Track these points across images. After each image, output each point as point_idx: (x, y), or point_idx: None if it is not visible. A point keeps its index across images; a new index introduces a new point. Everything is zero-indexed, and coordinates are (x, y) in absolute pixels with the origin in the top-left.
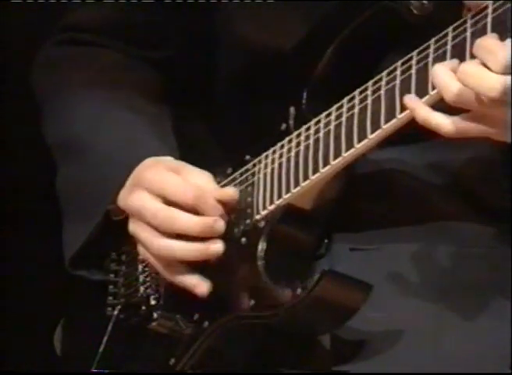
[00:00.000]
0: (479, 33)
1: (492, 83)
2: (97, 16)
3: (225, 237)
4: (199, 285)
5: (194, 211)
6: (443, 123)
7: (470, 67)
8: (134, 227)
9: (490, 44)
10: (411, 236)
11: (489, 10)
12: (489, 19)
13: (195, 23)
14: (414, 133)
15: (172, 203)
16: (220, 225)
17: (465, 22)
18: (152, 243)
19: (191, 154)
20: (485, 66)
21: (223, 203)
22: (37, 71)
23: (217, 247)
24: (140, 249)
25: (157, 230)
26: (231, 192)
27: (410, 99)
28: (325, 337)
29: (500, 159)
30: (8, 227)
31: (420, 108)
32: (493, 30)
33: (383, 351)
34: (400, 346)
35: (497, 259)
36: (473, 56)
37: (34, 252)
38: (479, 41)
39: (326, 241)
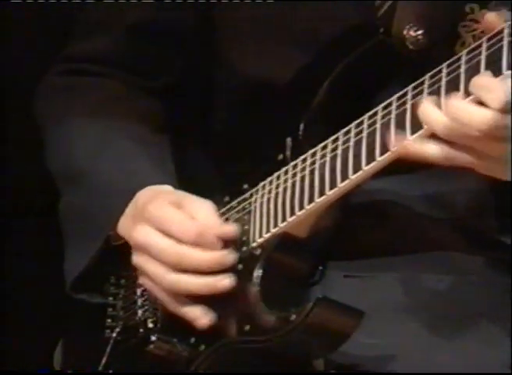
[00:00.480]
0: (473, 70)
1: (484, 118)
2: (99, 47)
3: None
4: (202, 318)
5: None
6: (431, 149)
7: (460, 103)
8: (140, 260)
9: (488, 82)
10: (404, 264)
11: (483, 48)
12: (483, 57)
13: (195, 54)
14: (409, 164)
15: (175, 239)
16: (229, 258)
17: (459, 59)
18: (163, 278)
19: (190, 182)
20: (479, 103)
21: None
22: (39, 99)
23: (227, 282)
24: (146, 282)
25: (165, 265)
26: (232, 229)
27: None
28: (318, 361)
29: (491, 191)
30: (11, 248)
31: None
32: (487, 68)
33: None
34: (392, 366)
35: (487, 287)
36: (467, 92)
37: (36, 273)
38: (476, 79)
39: (321, 268)
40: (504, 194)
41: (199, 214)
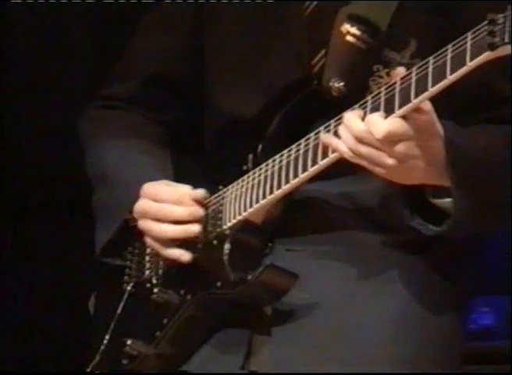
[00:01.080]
0: (374, 109)
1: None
2: (124, 90)
3: (203, 239)
4: (183, 255)
5: None
6: (344, 149)
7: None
8: (142, 223)
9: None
10: (326, 241)
11: (382, 93)
12: (382, 100)
13: (192, 96)
14: (334, 171)
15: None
16: (199, 211)
17: (366, 101)
18: (154, 229)
19: (181, 183)
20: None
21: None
22: (81, 126)
23: (196, 227)
24: (147, 238)
25: (155, 221)
26: (201, 193)
27: (325, 136)
28: (267, 308)
29: (392, 192)
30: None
31: (331, 140)
32: (385, 108)
33: (305, 317)
34: (317, 314)
35: (385, 259)
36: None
37: (78, 244)
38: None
39: (270, 244)
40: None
41: (181, 188)
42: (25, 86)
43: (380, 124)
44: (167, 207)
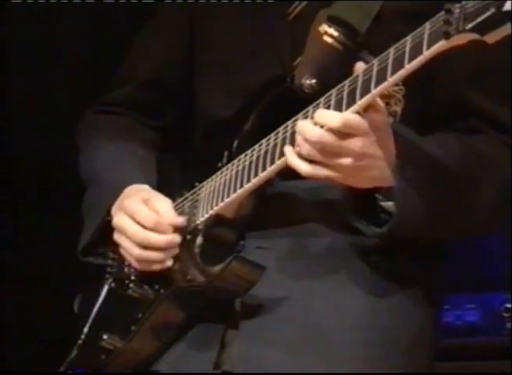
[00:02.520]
0: (338, 101)
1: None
2: (120, 96)
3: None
4: (164, 265)
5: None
6: (297, 164)
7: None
8: (117, 237)
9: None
10: (295, 239)
11: (346, 86)
12: (345, 93)
13: (182, 102)
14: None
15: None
16: (176, 240)
17: (331, 95)
18: (131, 251)
19: (165, 182)
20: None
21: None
22: (79, 130)
23: (175, 251)
24: (122, 251)
25: (133, 242)
26: (181, 220)
27: (286, 148)
28: (236, 303)
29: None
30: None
31: (290, 156)
32: (347, 101)
33: (273, 312)
34: (284, 311)
35: (353, 258)
36: None
37: (65, 247)
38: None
39: (242, 242)
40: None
41: (159, 208)
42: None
43: (335, 115)
44: (144, 233)
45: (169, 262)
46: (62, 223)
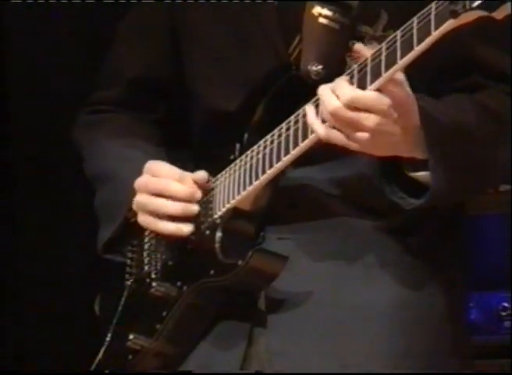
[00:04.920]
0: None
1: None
2: (112, 94)
3: (196, 229)
4: (182, 228)
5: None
6: (317, 127)
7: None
8: (139, 198)
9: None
10: (316, 228)
11: (356, 70)
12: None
13: (176, 96)
14: (319, 156)
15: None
16: (198, 193)
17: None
18: (150, 202)
19: None
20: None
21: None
22: (76, 131)
23: (195, 207)
24: (140, 217)
25: (153, 195)
26: (203, 174)
27: (309, 108)
28: (261, 297)
29: (378, 174)
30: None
31: (311, 116)
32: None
33: (300, 306)
34: (310, 303)
35: (376, 244)
36: None
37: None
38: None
39: (262, 233)
40: (386, 176)
41: (182, 172)
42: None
43: (347, 89)
44: (168, 182)
45: (188, 227)
46: (78, 222)
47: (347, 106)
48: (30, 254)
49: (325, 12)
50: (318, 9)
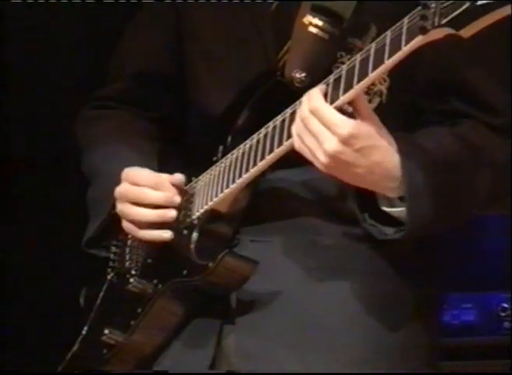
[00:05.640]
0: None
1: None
2: (114, 90)
3: (174, 229)
4: (164, 233)
5: None
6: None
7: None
8: (119, 206)
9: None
10: (289, 231)
11: (331, 80)
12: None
13: (177, 94)
14: (295, 160)
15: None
16: (176, 197)
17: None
18: (130, 211)
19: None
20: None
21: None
22: (77, 125)
23: (172, 213)
24: (124, 222)
25: (132, 203)
26: (179, 177)
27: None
28: (232, 297)
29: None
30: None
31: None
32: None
33: (268, 306)
34: (279, 304)
35: (346, 250)
36: None
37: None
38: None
39: (238, 236)
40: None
41: (160, 175)
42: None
43: (315, 97)
44: (145, 190)
45: (167, 234)
46: (67, 216)
47: (313, 115)
48: (27, 253)
49: (316, 21)
50: (309, 18)
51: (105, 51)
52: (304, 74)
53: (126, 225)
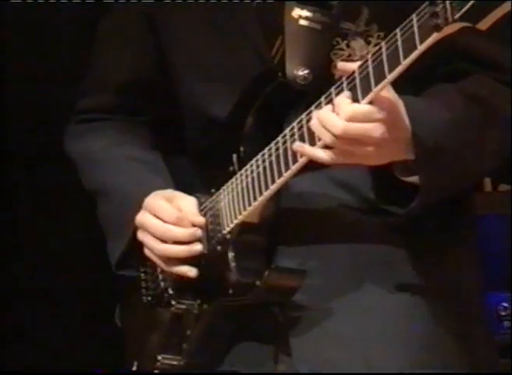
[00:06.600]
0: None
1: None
2: (98, 102)
3: (206, 245)
4: (189, 271)
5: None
6: (321, 155)
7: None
8: (142, 236)
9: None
10: (326, 234)
11: (344, 85)
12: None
13: (166, 97)
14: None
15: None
16: (199, 232)
17: (330, 93)
18: (154, 248)
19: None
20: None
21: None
22: (67, 143)
23: (198, 247)
24: (146, 251)
25: (155, 238)
26: (201, 219)
27: (297, 146)
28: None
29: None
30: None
31: (304, 149)
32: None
33: (315, 322)
34: (326, 319)
35: (388, 254)
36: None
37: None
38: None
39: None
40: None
41: (182, 206)
42: None
43: (345, 105)
44: (169, 228)
45: (191, 272)
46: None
47: (350, 122)
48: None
49: (305, 13)
50: (297, 11)
51: None
52: (306, 71)
53: (151, 256)
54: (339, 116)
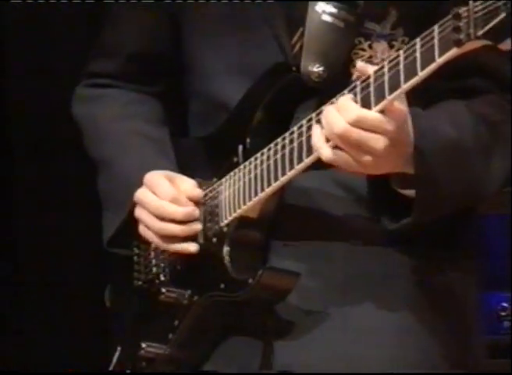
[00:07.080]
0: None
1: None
2: (110, 67)
3: (202, 237)
4: (190, 246)
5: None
6: (322, 150)
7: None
8: (139, 212)
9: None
10: (324, 234)
11: (358, 90)
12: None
13: (178, 70)
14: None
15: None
16: (195, 212)
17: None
18: (152, 225)
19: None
20: None
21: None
22: (76, 105)
23: (196, 226)
24: (141, 228)
25: (152, 216)
26: (198, 192)
27: (316, 128)
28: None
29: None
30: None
31: (317, 137)
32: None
33: (307, 326)
34: (317, 322)
35: (385, 263)
36: None
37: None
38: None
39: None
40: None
41: (181, 186)
42: None
43: (351, 108)
44: (163, 204)
45: (193, 247)
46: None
47: (353, 126)
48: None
49: (329, 8)
50: (321, 6)
51: None
52: (321, 68)
53: (146, 234)
54: (342, 117)
